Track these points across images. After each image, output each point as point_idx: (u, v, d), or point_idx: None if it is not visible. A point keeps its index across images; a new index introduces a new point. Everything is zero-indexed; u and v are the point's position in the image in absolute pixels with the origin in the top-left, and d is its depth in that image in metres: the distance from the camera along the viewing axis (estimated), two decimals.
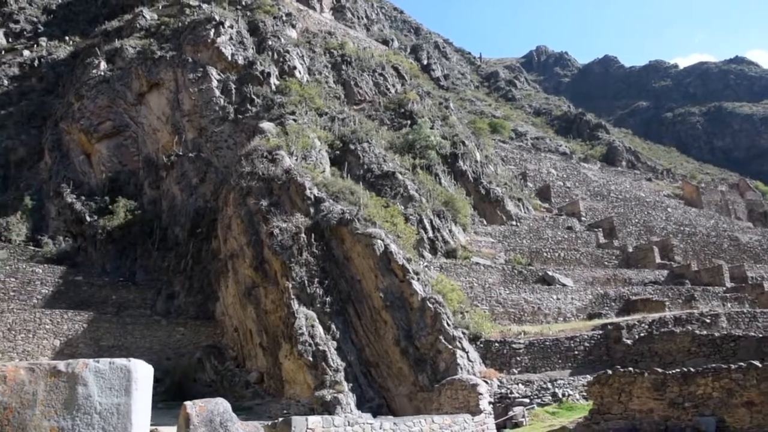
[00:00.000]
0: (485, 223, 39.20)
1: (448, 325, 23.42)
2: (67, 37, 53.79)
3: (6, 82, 47.98)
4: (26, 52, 51.68)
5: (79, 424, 5.58)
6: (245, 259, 28.20)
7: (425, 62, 76.05)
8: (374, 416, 18.72)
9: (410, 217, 31.73)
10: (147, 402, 6.00)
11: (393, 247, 25.35)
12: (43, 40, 53.62)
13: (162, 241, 36.25)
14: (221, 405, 10.28)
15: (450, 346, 22.79)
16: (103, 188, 38.98)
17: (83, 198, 38.31)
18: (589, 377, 20.75)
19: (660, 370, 16.55)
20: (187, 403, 9.95)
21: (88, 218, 37.05)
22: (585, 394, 21.54)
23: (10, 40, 54.58)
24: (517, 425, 20.42)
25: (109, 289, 34.40)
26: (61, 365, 5.76)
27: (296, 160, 31.06)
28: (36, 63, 50.28)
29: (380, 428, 13.37)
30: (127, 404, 5.69)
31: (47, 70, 49.46)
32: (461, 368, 22.22)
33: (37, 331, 31.05)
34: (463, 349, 23.03)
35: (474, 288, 30.09)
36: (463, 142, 41.90)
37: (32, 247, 36.27)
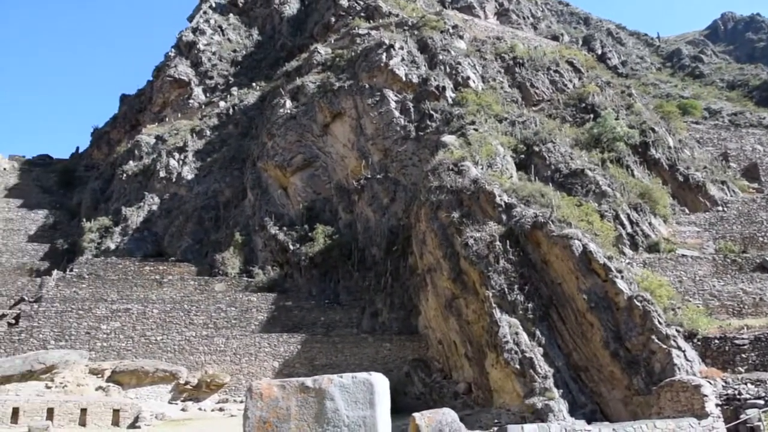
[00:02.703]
0: (687, 211, 36.54)
1: (660, 323, 22.09)
2: (254, 84, 58.36)
3: (208, 132, 52.95)
4: (222, 103, 56.73)
5: None
6: (443, 272, 28.58)
7: (600, 52, 72.98)
8: (588, 423, 18.06)
9: (605, 213, 30.42)
10: (388, 414, 6.21)
11: (592, 247, 24.46)
12: (234, 90, 58.64)
13: (360, 261, 37.85)
14: (449, 415, 10.46)
15: (664, 346, 21.49)
16: (302, 217, 41.57)
17: (285, 228, 41.13)
18: None
19: None
20: (416, 414, 10.24)
21: (291, 247, 39.66)
22: None
23: (208, 94, 60.24)
24: (753, 430, 18.54)
25: (317, 312, 36.52)
26: (309, 381, 6.14)
27: (482, 169, 31.07)
28: (231, 111, 55.09)
29: None
30: (372, 417, 5.93)
31: (241, 116, 53.95)
32: (679, 368, 20.85)
33: (258, 354, 33.72)
34: (679, 348, 21.59)
35: (683, 282, 28.16)
36: (653, 129, 39.51)
37: (246, 278, 39.54)
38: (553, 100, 43.57)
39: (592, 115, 40.27)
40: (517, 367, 23.11)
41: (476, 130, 35.32)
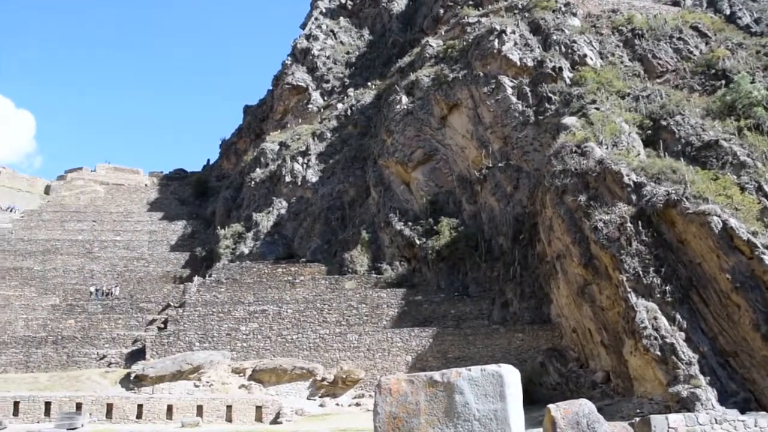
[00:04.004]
0: None
1: None
2: (369, 83, 59.26)
3: (329, 135, 54.34)
4: (339, 105, 58.01)
5: (461, 431, 5.88)
6: (573, 258, 27.88)
7: (728, 12, 67.71)
8: (742, 412, 17.01)
9: (746, 186, 28.39)
10: (520, 406, 6.10)
11: (733, 222, 23.03)
12: (350, 91, 59.81)
13: (488, 252, 37.59)
14: (586, 406, 10.15)
15: None
16: (426, 211, 41.81)
17: (410, 223, 41.53)
18: None
19: None
20: (551, 406, 10.01)
21: (417, 241, 40.01)
22: None
23: (325, 98, 61.82)
24: None
25: (446, 305, 36.63)
26: (437, 375, 6.15)
27: (606, 148, 29.97)
28: (348, 112, 56.23)
29: (755, 426, 11.90)
30: (503, 409, 5.84)
31: (358, 116, 54.92)
32: None
33: (390, 349, 34.28)
34: None
35: None
36: None
37: (375, 275, 40.32)
38: (678, 70, 41.18)
39: (723, 82, 37.73)
40: (658, 353, 22.23)
41: (598, 108, 34.09)
